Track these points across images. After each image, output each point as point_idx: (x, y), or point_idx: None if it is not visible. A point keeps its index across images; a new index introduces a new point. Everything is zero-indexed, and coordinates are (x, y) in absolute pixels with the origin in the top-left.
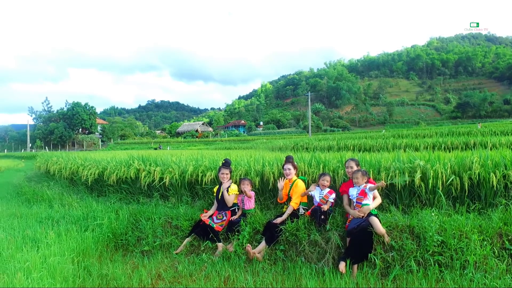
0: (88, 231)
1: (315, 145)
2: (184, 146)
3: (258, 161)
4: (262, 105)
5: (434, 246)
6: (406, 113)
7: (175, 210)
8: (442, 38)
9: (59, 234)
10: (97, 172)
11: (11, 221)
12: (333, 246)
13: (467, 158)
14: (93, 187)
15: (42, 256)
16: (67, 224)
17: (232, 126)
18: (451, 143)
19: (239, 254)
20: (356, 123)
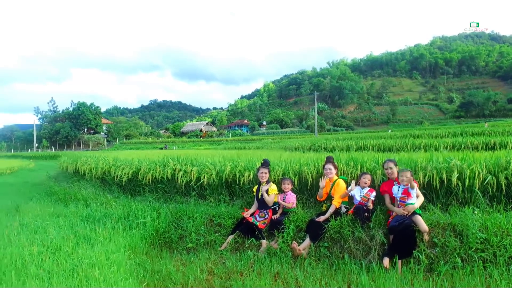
0: (134, 229)
1: (334, 145)
2: (190, 146)
3: (295, 161)
4: (265, 105)
5: (477, 243)
6: (410, 112)
7: (216, 209)
8: (445, 37)
9: (108, 232)
10: (131, 172)
11: (55, 219)
12: (377, 243)
13: (503, 158)
14: (126, 187)
15: (102, 252)
16: (110, 222)
17: (235, 125)
18: (471, 143)
19: (284, 251)
20: (359, 123)
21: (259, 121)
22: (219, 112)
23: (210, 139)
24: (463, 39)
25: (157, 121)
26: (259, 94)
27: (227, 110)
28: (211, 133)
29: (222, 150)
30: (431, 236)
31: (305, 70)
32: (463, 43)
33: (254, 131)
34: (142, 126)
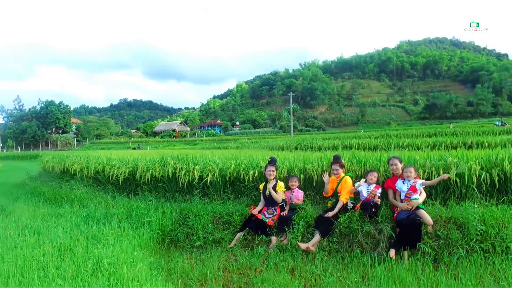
0: (140, 228)
1: (320, 145)
2: (164, 146)
3: (298, 159)
4: (238, 105)
5: (476, 235)
6: (378, 113)
7: (222, 207)
8: (411, 42)
9: (115, 231)
10: (128, 172)
11: (55, 220)
12: (385, 236)
13: (493, 156)
14: (122, 186)
15: (120, 251)
16: (115, 222)
17: (208, 125)
18: (450, 142)
19: (295, 247)
20: (330, 123)
21: (232, 121)
22: (191, 112)
23: (184, 139)
24: (427, 44)
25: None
26: (232, 94)
27: (199, 110)
28: (185, 133)
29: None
30: (435, 229)
31: (278, 71)
32: (427, 47)
33: (227, 131)
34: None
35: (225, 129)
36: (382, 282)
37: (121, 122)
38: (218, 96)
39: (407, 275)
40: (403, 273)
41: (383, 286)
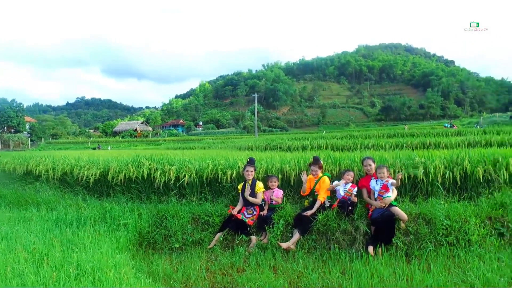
0: (116, 231)
1: (289, 145)
2: (125, 146)
3: (276, 160)
4: (201, 105)
5: (443, 229)
6: (338, 115)
7: (201, 207)
8: (369, 46)
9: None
10: (99, 173)
11: (23, 224)
12: (361, 233)
13: (455, 155)
14: (92, 188)
15: (100, 255)
16: (86, 225)
17: (170, 125)
18: (411, 143)
19: (275, 245)
20: (292, 124)
21: (195, 121)
22: (152, 112)
23: (146, 139)
24: (383, 49)
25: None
26: (195, 93)
27: (161, 109)
28: (146, 133)
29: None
30: (406, 225)
31: (241, 71)
32: (383, 52)
33: (190, 131)
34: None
35: (188, 129)
36: (362, 277)
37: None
38: (180, 95)
39: (384, 269)
40: (380, 267)
41: (363, 280)
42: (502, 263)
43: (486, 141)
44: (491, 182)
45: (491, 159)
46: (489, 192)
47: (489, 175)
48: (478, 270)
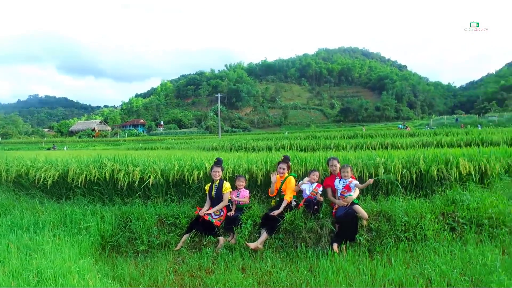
0: (77, 235)
1: (254, 145)
2: (82, 146)
3: (243, 160)
4: (162, 104)
5: (401, 226)
6: (299, 116)
7: (167, 209)
8: (328, 50)
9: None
10: (57, 174)
11: None
12: (326, 231)
13: (412, 155)
14: (50, 191)
15: (62, 261)
16: (44, 230)
17: (130, 125)
18: (370, 143)
19: (243, 246)
20: (255, 124)
21: (156, 121)
22: (112, 111)
23: (105, 139)
24: (342, 52)
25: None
26: (156, 93)
27: (120, 108)
28: (105, 133)
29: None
30: (368, 222)
31: (204, 71)
32: (342, 56)
33: (151, 131)
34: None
35: (148, 129)
36: (328, 274)
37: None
38: (141, 94)
39: (349, 265)
40: (345, 264)
41: (329, 277)
42: (455, 256)
43: (437, 141)
44: (443, 180)
45: (443, 158)
46: (442, 189)
47: (441, 174)
48: (434, 263)
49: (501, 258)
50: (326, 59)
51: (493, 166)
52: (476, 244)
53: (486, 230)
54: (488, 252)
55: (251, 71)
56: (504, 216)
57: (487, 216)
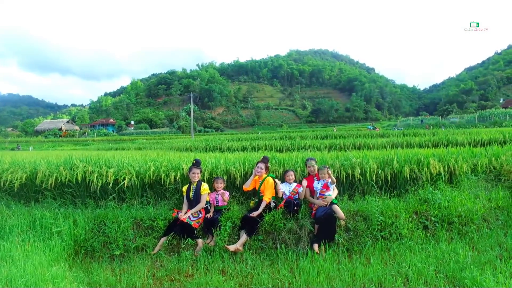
0: (48, 240)
1: (229, 146)
2: (48, 146)
3: (220, 161)
4: (133, 104)
5: (378, 225)
6: (272, 116)
7: (143, 211)
8: (299, 51)
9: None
10: (25, 176)
11: None
12: (306, 231)
13: (386, 156)
14: (18, 194)
15: (33, 268)
16: (12, 235)
17: (99, 124)
18: (343, 144)
19: (222, 248)
20: (228, 124)
21: (126, 120)
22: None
23: (72, 138)
24: (312, 54)
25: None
26: (126, 91)
27: (89, 107)
28: (73, 132)
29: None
30: (346, 222)
31: (175, 70)
32: (312, 57)
33: (122, 130)
34: None
35: (119, 128)
36: (309, 274)
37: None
38: (110, 93)
39: (329, 265)
40: (326, 264)
41: (311, 277)
42: (429, 254)
43: (407, 142)
44: (416, 180)
45: (415, 159)
46: (414, 189)
47: (414, 174)
48: (410, 261)
49: (471, 255)
50: (297, 60)
51: (461, 166)
52: (448, 242)
53: (456, 227)
54: (460, 249)
55: (223, 71)
56: (472, 214)
57: (457, 214)
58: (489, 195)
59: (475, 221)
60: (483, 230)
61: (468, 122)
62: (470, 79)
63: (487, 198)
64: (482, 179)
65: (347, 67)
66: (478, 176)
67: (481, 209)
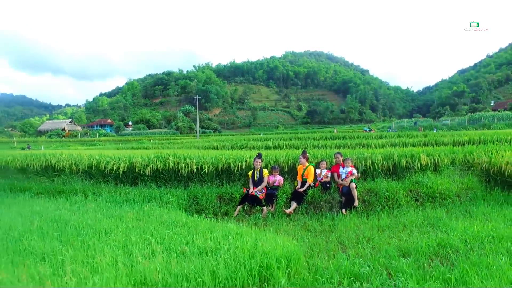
0: (165, 206)
1: (254, 145)
2: (56, 146)
3: (270, 155)
4: (130, 104)
5: (384, 198)
6: (268, 117)
7: (223, 189)
8: (295, 53)
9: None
10: (126, 166)
11: (93, 204)
12: (336, 202)
13: (388, 152)
14: (120, 178)
15: (170, 216)
16: (134, 204)
17: (97, 125)
18: (350, 143)
19: (279, 212)
20: (224, 125)
21: (124, 121)
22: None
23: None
24: (308, 56)
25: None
26: (123, 92)
27: (85, 107)
28: (75, 133)
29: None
30: (362, 196)
31: (172, 71)
32: (308, 59)
33: (120, 131)
34: None
35: (117, 129)
36: (346, 223)
37: None
38: (106, 93)
39: (356, 219)
40: (350, 221)
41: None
42: (419, 213)
43: (402, 142)
44: (410, 169)
45: (410, 154)
46: (409, 175)
47: (409, 164)
48: (406, 217)
49: (446, 214)
50: (292, 61)
51: (443, 159)
52: (431, 209)
53: (437, 200)
54: (439, 212)
55: (219, 72)
56: (449, 191)
57: (438, 192)
58: (462, 180)
59: (451, 196)
60: (456, 202)
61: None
62: (462, 82)
63: (460, 182)
64: (458, 169)
65: (342, 69)
66: (455, 166)
67: (455, 189)
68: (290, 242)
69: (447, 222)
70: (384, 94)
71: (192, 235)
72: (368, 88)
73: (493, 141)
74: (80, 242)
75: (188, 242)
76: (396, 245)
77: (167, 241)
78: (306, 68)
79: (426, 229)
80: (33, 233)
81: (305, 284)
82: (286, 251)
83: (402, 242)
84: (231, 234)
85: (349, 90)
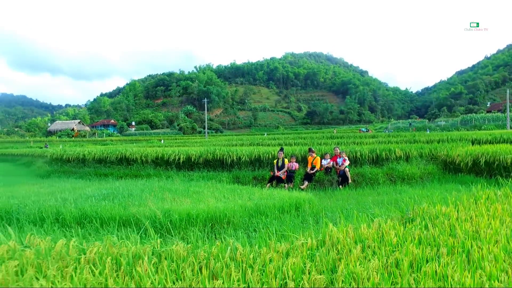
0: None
1: (268, 143)
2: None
3: (287, 150)
4: (132, 105)
5: (368, 179)
6: (268, 118)
7: (256, 172)
8: (295, 54)
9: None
10: (184, 157)
11: (187, 181)
12: (335, 180)
13: (373, 146)
14: (180, 166)
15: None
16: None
17: (100, 125)
18: (347, 141)
19: (296, 188)
20: (226, 126)
21: (127, 121)
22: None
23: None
24: (307, 57)
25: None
26: (124, 92)
27: (86, 108)
28: (84, 133)
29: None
30: (353, 178)
31: (173, 72)
32: (307, 60)
33: (123, 131)
34: None
35: (120, 129)
36: (341, 192)
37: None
38: (106, 94)
39: (348, 191)
40: (346, 192)
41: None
42: (391, 188)
43: (389, 141)
44: (388, 159)
45: (388, 148)
46: (387, 163)
47: (387, 156)
48: (382, 189)
49: (408, 188)
50: (292, 63)
51: (413, 152)
52: (401, 186)
53: (406, 181)
54: (404, 187)
55: (220, 73)
56: (414, 175)
57: (407, 175)
58: (425, 167)
59: (415, 178)
60: (418, 182)
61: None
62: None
63: (424, 168)
64: (424, 159)
65: (341, 70)
66: (422, 158)
67: (419, 173)
68: (308, 194)
69: (405, 190)
70: (383, 95)
71: (252, 192)
72: (367, 89)
73: (456, 140)
74: (191, 193)
75: (250, 196)
76: (370, 201)
77: (238, 193)
78: (306, 69)
79: (391, 195)
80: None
81: (318, 211)
82: (308, 197)
83: (374, 199)
84: (275, 192)
85: (349, 91)
